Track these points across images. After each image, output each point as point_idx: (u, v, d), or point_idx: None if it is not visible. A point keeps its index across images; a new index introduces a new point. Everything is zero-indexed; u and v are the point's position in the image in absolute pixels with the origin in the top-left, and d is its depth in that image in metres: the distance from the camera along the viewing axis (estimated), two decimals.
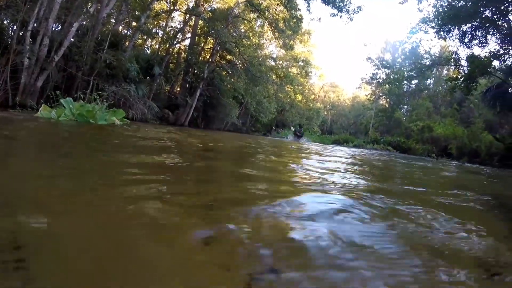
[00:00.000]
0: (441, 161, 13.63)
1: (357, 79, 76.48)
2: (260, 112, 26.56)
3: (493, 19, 15.65)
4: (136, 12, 16.75)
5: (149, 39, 22.02)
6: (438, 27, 17.02)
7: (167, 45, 20.25)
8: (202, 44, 22.58)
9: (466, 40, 16.79)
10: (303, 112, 33.91)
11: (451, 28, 16.77)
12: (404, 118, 31.12)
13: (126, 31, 17.84)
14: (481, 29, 16.31)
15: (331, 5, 17.42)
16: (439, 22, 16.69)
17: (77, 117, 7.21)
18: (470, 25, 16.36)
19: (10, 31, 10.87)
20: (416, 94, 32.79)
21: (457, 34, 16.91)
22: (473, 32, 16.48)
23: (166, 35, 21.23)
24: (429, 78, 31.31)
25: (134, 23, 16.90)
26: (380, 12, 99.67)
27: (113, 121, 8.04)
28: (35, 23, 10.32)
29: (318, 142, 23.74)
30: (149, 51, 22.10)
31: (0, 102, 9.24)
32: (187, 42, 22.29)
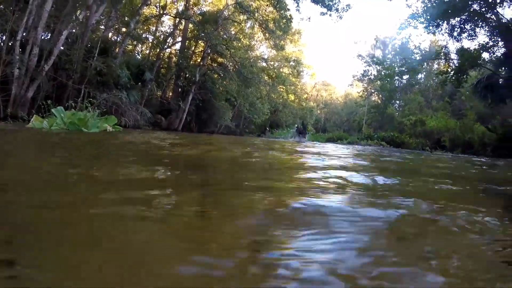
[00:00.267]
0: (436, 154, 13.68)
1: (349, 77, 77.01)
2: (254, 114, 26.58)
3: (482, 12, 15.84)
4: (126, 18, 16.67)
5: (139, 45, 21.87)
6: (427, 22, 17.17)
7: (158, 50, 20.16)
8: (193, 48, 22.50)
9: (456, 34, 16.96)
10: (296, 112, 33.96)
11: (440, 23, 16.92)
12: (397, 113, 31.35)
13: (116, 37, 17.70)
14: (470, 23, 16.50)
15: (321, 4, 17.52)
16: (428, 17, 16.85)
17: (69, 126, 7.10)
18: (459, 19, 16.53)
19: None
20: (408, 89, 33.04)
21: (446, 28, 17.08)
22: (462, 26, 16.66)
23: (156, 40, 21.18)
24: (420, 73, 31.59)
25: (124, 29, 16.79)
26: (369, 10, 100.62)
27: (105, 128, 7.94)
28: (24, 33, 10.19)
29: (313, 141, 23.71)
30: (140, 57, 21.96)
31: None
32: (178, 46, 22.20)
